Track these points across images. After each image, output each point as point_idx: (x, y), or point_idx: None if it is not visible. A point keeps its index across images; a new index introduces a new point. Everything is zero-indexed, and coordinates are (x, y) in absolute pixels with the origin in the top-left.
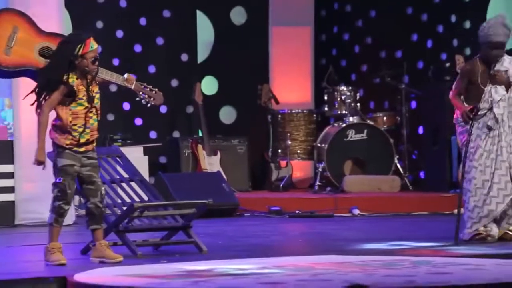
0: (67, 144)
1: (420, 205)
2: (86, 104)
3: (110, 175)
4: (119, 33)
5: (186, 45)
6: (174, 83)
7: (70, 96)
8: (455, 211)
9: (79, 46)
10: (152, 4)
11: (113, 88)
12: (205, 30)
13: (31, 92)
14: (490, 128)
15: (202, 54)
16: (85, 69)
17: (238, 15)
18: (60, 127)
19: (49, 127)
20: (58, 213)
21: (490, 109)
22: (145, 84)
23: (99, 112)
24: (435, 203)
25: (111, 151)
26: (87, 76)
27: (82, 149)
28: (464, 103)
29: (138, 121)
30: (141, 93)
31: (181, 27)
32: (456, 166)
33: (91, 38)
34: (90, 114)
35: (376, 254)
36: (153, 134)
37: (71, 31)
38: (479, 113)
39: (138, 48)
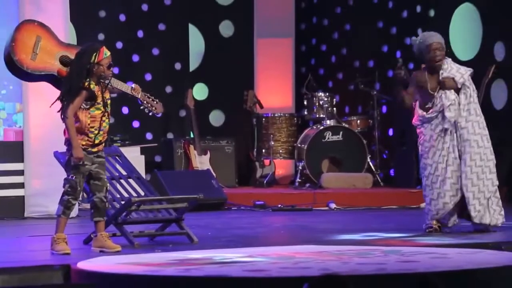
0: (82, 145)
1: (390, 199)
2: (102, 108)
3: (110, 172)
4: (119, 44)
5: (179, 55)
6: (168, 89)
7: (91, 100)
8: (422, 205)
9: (95, 54)
10: (148, 18)
11: (113, 94)
12: (196, 42)
13: (57, 99)
14: (446, 130)
15: (194, 63)
16: (102, 74)
17: (226, 28)
18: (78, 129)
19: (63, 126)
20: (66, 206)
21: (441, 112)
22: (149, 94)
23: (109, 116)
24: (404, 198)
25: (111, 151)
26: (101, 82)
27: (95, 150)
28: (418, 108)
29: (136, 124)
30: (145, 102)
31: (175, 38)
32: None
33: (104, 47)
34: (104, 118)
35: (350, 244)
36: (149, 136)
37: (76, 43)
38: (430, 115)
39: (135, 58)
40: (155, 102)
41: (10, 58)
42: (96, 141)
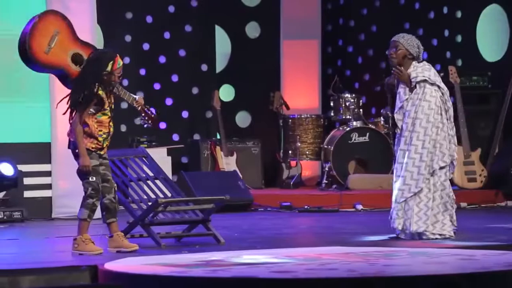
0: (92, 148)
1: None
2: (109, 114)
3: (137, 173)
4: (145, 46)
5: (205, 56)
6: (195, 90)
7: (99, 106)
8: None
9: (111, 63)
10: (175, 20)
11: (140, 95)
12: (223, 43)
13: (64, 98)
14: (400, 131)
15: (220, 64)
16: (112, 83)
17: (252, 30)
18: (87, 133)
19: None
20: (91, 209)
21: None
22: (148, 107)
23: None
24: None
25: (138, 152)
26: (108, 89)
27: (102, 152)
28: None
29: (162, 125)
30: (143, 114)
31: (201, 40)
32: None
33: (118, 55)
34: (111, 123)
35: (377, 245)
36: (175, 137)
37: (103, 44)
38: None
39: (162, 59)
40: (152, 116)
41: (24, 46)
42: (104, 145)
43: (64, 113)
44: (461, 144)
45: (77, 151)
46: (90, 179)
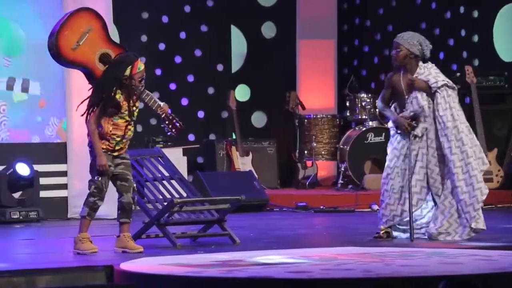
0: (103, 148)
1: None
2: (127, 118)
3: (153, 173)
4: (161, 46)
5: (221, 56)
6: (211, 90)
7: (114, 109)
8: None
9: (130, 67)
10: (190, 20)
11: (155, 95)
12: (238, 43)
13: (85, 100)
14: (416, 136)
15: (236, 64)
16: (132, 87)
17: (268, 29)
18: (100, 134)
19: (86, 130)
20: (92, 208)
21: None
22: (173, 115)
23: (135, 125)
24: None
25: (153, 152)
26: (131, 93)
27: (115, 153)
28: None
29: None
30: (166, 122)
31: (217, 40)
32: None
33: (138, 60)
34: (129, 127)
35: (393, 246)
36: (191, 137)
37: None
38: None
39: (178, 59)
40: (177, 125)
41: (52, 41)
42: (117, 147)
43: (82, 115)
44: None
45: (90, 149)
46: (95, 178)
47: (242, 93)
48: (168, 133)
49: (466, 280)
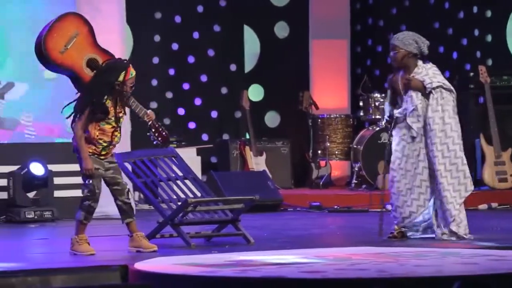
0: (90, 152)
1: None
2: (113, 124)
3: (167, 173)
4: (174, 46)
5: (234, 56)
6: (224, 90)
7: (102, 114)
8: (480, 206)
9: (124, 73)
10: (203, 20)
11: (169, 95)
12: (251, 43)
13: (71, 102)
14: (413, 138)
15: (249, 64)
16: (124, 93)
17: (281, 29)
18: (87, 139)
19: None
20: (88, 211)
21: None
22: (160, 124)
23: (120, 131)
24: None
25: (167, 152)
26: (121, 99)
27: (102, 157)
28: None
29: (192, 125)
30: (153, 130)
31: (230, 40)
32: (480, 166)
33: (130, 66)
34: (116, 133)
35: (407, 246)
36: (205, 137)
37: (132, 44)
38: (395, 118)
39: (191, 59)
40: (163, 133)
41: (40, 43)
42: (103, 152)
43: (67, 117)
44: (491, 144)
45: (78, 155)
46: (87, 181)
47: (255, 93)
48: (154, 142)
49: (481, 281)
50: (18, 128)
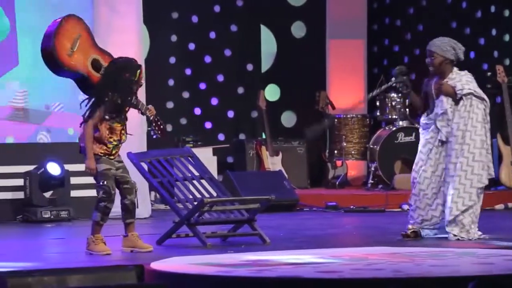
0: (101, 153)
1: None
2: (122, 122)
3: (183, 173)
4: (191, 46)
5: (251, 56)
6: (240, 90)
7: (114, 113)
8: (496, 206)
9: (138, 71)
10: (220, 19)
11: (185, 95)
12: (268, 43)
13: (86, 99)
14: (442, 142)
15: (266, 64)
16: (134, 92)
17: (298, 29)
18: (97, 138)
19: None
20: (104, 212)
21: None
22: (159, 118)
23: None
24: None
25: (183, 151)
26: (130, 97)
27: (112, 157)
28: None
29: (208, 125)
30: (153, 124)
31: (247, 40)
32: (497, 166)
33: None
34: (123, 131)
35: (423, 246)
36: (221, 137)
37: (149, 44)
38: (425, 122)
39: (208, 59)
40: (161, 126)
41: (50, 49)
42: (113, 152)
43: (83, 115)
44: (509, 144)
45: (84, 154)
46: (101, 183)
47: (272, 92)
48: (154, 136)
49: (497, 281)
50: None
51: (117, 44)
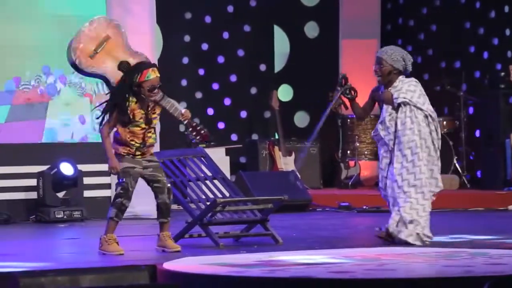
0: (124, 153)
1: (477, 201)
2: (143, 125)
3: (196, 173)
4: (204, 46)
5: (264, 56)
6: (253, 90)
7: (123, 117)
8: (510, 207)
9: (136, 75)
10: (233, 20)
11: (198, 95)
12: (281, 43)
13: (102, 103)
14: (391, 151)
15: (279, 64)
16: (142, 96)
17: (311, 29)
18: (118, 140)
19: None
20: (119, 208)
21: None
22: (197, 123)
23: (155, 131)
24: (491, 200)
25: (196, 152)
26: (145, 100)
27: (138, 157)
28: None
29: (221, 125)
30: (190, 129)
31: (260, 40)
32: (510, 166)
33: (149, 69)
34: (149, 134)
35: (436, 246)
36: (234, 137)
37: (162, 44)
38: (374, 134)
39: (221, 59)
40: (201, 131)
41: (70, 46)
42: (137, 153)
43: (98, 118)
44: None
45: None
46: (120, 180)
47: (285, 93)
48: (193, 141)
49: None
50: None
51: (130, 44)
